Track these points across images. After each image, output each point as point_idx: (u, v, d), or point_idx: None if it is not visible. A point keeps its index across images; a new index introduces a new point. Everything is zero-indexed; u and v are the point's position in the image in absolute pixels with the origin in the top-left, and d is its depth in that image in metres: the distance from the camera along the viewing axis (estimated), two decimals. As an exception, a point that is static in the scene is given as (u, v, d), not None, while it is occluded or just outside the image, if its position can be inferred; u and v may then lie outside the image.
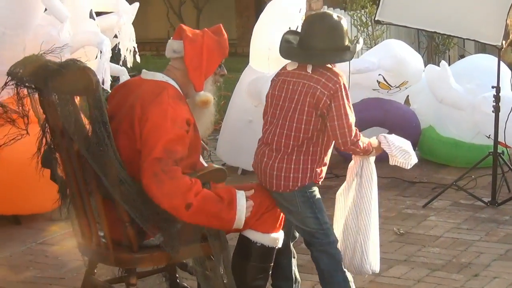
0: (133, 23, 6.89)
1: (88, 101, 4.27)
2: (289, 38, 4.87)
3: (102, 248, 4.59)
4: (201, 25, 13.56)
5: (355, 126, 4.75)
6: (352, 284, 4.78)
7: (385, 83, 8.15)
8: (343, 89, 4.61)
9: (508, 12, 6.59)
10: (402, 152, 5.05)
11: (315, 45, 4.67)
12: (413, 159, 5.17)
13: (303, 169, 4.68)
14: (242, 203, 4.46)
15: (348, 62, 5.36)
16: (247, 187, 4.81)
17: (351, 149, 4.80)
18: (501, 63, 7.09)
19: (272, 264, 4.91)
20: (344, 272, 4.78)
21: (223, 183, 4.69)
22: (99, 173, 4.35)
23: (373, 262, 4.98)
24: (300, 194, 4.73)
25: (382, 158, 8.06)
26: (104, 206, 4.48)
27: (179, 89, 4.55)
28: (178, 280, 5.13)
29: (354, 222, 5.00)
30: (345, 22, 4.79)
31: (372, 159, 5.08)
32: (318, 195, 4.83)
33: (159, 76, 4.58)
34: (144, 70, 4.85)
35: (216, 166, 4.89)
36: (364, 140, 4.81)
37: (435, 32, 8.68)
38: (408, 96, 8.58)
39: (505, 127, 6.90)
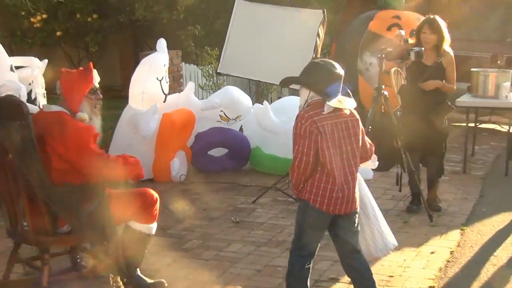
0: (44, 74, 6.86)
1: (20, 124, 4.31)
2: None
3: (25, 233, 4.63)
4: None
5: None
6: None
7: (225, 116, 8.28)
8: None
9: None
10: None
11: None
12: (377, 161, 4.95)
13: None
14: None
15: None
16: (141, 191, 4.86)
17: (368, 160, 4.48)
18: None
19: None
20: None
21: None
22: (27, 177, 4.40)
23: (390, 238, 4.64)
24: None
25: (225, 168, 8.27)
26: (28, 204, 4.50)
27: (68, 113, 4.56)
28: (78, 260, 5.15)
29: (363, 216, 4.51)
30: None
31: None
32: None
33: (55, 107, 4.62)
34: (44, 104, 4.89)
35: None
36: None
37: (259, 81, 8.90)
38: (241, 125, 8.68)
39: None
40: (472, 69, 8.59)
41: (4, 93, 5.71)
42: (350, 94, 4.27)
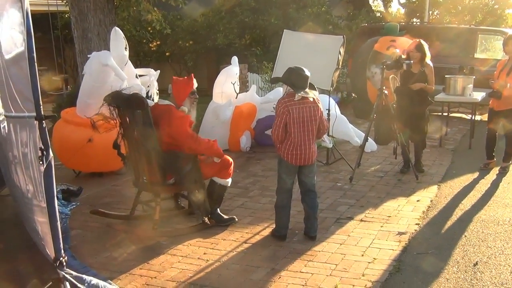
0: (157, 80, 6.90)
1: (142, 112, 4.39)
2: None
3: (145, 184, 4.70)
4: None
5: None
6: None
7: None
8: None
9: (333, 72, 6.76)
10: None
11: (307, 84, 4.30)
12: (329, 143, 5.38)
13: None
14: None
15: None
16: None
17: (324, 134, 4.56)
18: (330, 98, 7.18)
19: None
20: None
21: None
22: (147, 147, 4.45)
23: None
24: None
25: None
26: (146, 165, 4.58)
27: (175, 106, 4.60)
28: (179, 202, 5.21)
29: None
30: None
31: None
32: None
33: (166, 102, 4.68)
34: (159, 99, 4.92)
35: None
36: None
37: None
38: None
39: (332, 128, 7.07)
40: (446, 76, 8.34)
41: (132, 92, 5.74)
42: (316, 88, 4.43)
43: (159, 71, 6.95)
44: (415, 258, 4.15)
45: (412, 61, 6.22)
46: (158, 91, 6.73)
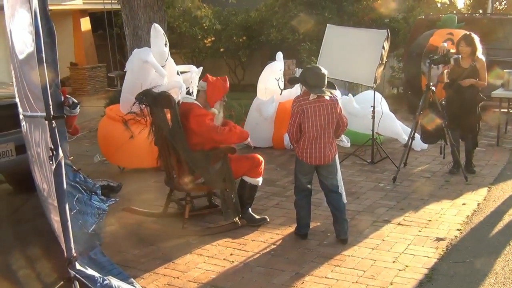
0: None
1: (170, 110, 4.38)
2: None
3: (176, 182, 4.66)
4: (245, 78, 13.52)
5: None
6: None
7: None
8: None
9: (376, 69, 6.48)
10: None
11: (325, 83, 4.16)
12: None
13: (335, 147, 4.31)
14: None
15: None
16: (251, 155, 4.76)
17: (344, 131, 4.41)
18: (377, 94, 6.90)
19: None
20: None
21: (235, 154, 4.67)
22: (175, 145, 4.44)
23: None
24: (336, 160, 4.35)
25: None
26: (176, 163, 4.57)
27: (200, 106, 4.55)
28: (213, 200, 5.14)
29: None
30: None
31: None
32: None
33: (190, 100, 4.68)
34: (184, 97, 4.92)
35: (231, 146, 4.77)
36: None
37: (341, 80, 8.25)
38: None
39: (378, 125, 6.76)
40: (505, 70, 7.83)
41: (171, 89, 5.73)
42: (335, 87, 4.33)
43: (201, 67, 6.92)
44: (450, 267, 3.87)
45: (460, 56, 5.84)
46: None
